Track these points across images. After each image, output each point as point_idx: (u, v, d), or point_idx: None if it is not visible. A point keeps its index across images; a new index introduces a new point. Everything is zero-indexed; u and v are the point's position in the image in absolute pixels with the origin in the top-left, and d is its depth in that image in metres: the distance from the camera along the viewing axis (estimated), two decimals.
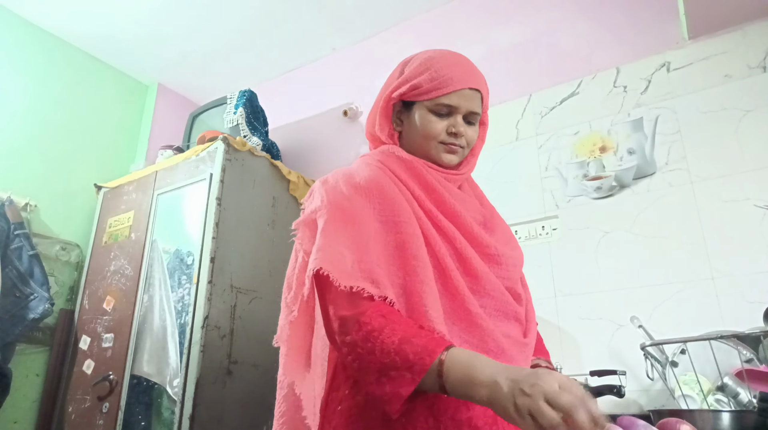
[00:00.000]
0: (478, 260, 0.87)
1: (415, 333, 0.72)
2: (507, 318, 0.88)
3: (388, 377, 0.70)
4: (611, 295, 1.70)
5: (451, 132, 0.93)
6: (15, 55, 2.47)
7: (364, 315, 0.75)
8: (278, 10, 2.51)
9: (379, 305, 0.76)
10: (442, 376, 0.68)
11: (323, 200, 0.88)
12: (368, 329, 0.73)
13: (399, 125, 1.01)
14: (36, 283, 2.15)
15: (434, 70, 0.93)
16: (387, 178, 0.90)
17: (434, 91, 0.92)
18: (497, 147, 2.08)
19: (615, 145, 1.84)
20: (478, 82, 0.95)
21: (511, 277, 0.92)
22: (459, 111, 0.93)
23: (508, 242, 0.97)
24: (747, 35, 1.72)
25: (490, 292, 0.86)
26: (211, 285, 1.89)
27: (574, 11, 2.10)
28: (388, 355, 0.70)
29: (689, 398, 1.32)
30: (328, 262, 0.78)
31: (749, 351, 1.35)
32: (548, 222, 1.89)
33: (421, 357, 0.69)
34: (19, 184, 2.33)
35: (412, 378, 0.68)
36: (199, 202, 2.04)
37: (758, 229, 1.54)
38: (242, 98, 2.41)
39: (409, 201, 0.88)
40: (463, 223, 0.89)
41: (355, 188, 0.88)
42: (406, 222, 0.85)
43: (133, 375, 1.96)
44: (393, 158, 0.96)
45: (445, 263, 0.84)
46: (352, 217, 0.85)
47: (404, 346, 0.70)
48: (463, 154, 0.97)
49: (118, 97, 2.89)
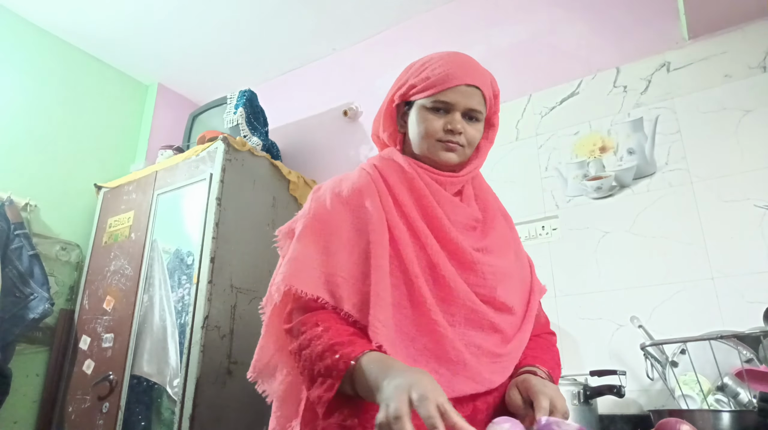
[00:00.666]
0: (449, 267, 0.85)
1: (339, 342, 0.75)
2: (481, 328, 0.85)
3: (317, 383, 0.75)
4: (611, 295, 1.70)
5: (447, 129, 0.91)
6: (15, 55, 2.47)
7: (304, 324, 0.80)
8: (278, 10, 2.51)
9: (318, 314, 0.80)
10: (353, 380, 0.72)
11: (307, 210, 0.92)
12: (303, 339, 0.78)
13: (403, 127, 1.00)
14: (36, 283, 2.15)
15: (431, 68, 0.93)
16: (371, 185, 0.91)
17: (431, 89, 0.91)
18: (497, 147, 2.06)
19: (615, 145, 1.84)
20: (477, 78, 0.92)
21: (490, 285, 0.88)
22: (456, 108, 0.91)
23: (501, 249, 0.94)
24: (747, 35, 1.72)
25: (458, 300, 0.84)
26: (211, 285, 1.89)
27: (574, 11, 2.10)
28: (317, 362, 0.75)
29: (689, 398, 1.32)
30: (294, 276, 0.82)
31: (749, 351, 1.35)
32: (548, 222, 1.89)
33: (337, 365, 0.72)
34: (19, 184, 2.33)
35: (332, 383, 0.72)
36: (199, 203, 2.04)
37: (758, 229, 1.54)
38: (242, 98, 2.41)
39: (387, 207, 0.88)
40: (440, 228, 0.88)
41: (338, 198, 0.90)
42: (374, 230, 0.85)
43: (133, 375, 1.96)
44: (388, 163, 0.96)
45: (412, 271, 0.83)
46: (328, 227, 0.87)
47: (327, 353, 0.74)
48: (464, 153, 0.94)
49: (118, 97, 2.89)
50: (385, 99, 1.02)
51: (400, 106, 1.00)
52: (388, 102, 1.00)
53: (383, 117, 1.01)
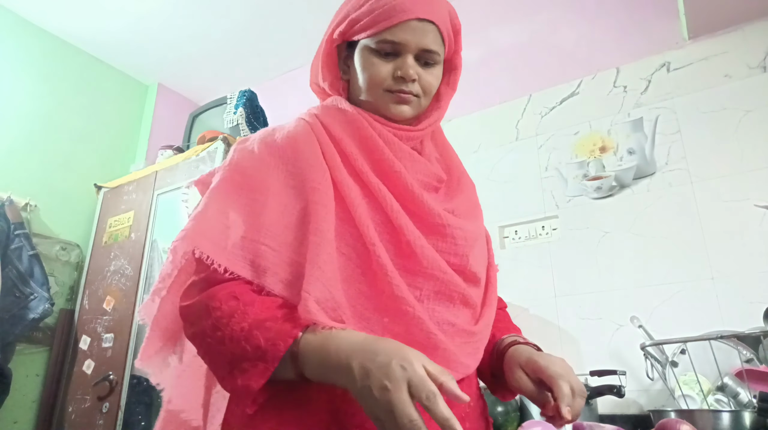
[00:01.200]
0: (414, 231, 0.70)
1: (270, 316, 0.61)
2: (451, 302, 0.72)
3: (240, 370, 0.59)
4: (611, 295, 1.70)
5: (397, 76, 0.74)
6: (15, 56, 2.47)
7: (213, 299, 0.63)
8: (278, 10, 2.51)
9: (233, 286, 0.64)
10: (296, 362, 0.59)
11: (227, 161, 0.76)
12: (217, 316, 0.62)
13: (346, 73, 0.83)
14: (36, 283, 2.15)
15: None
16: (311, 135, 0.75)
17: (374, 25, 0.74)
18: (497, 147, 2.08)
19: (615, 145, 1.84)
20: (432, 11, 0.75)
21: (460, 252, 0.74)
22: (408, 49, 0.74)
23: (469, 213, 0.80)
24: (747, 35, 1.72)
25: (426, 270, 0.70)
26: None
27: (574, 11, 2.10)
28: (239, 344, 0.59)
29: (689, 398, 1.32)
30: (201, 237, 0.66)
31: (749, 351, 1.35)
32: (548, 222, 1.89)
33: (274, 343, 0.58)
34: (19, 184, 2.33)
35: (265, 368, 0.58)
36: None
37: (758, 229, 1.54)
38: (242, 98, 2.41)
39: (331, 161, 0.72)
40: (402, 186, 0.72)
41: (268, 148, 0.75)
42: (314, 188, 0.69)
43: (133, 375, 1.96)
44: (332, 111, 0.79)
45: (367, 237, 0.68)
46: (252, 181, 0.72)
47: (255, 331, 0.59)
48: (419, 103, 0.78)
49: (118, 97, 2.89)
50: (322, 39, 0.84)
51: (341, 48, 0.82)
52: (327, 42, 0.82)
53: (321, 61, 0.84)
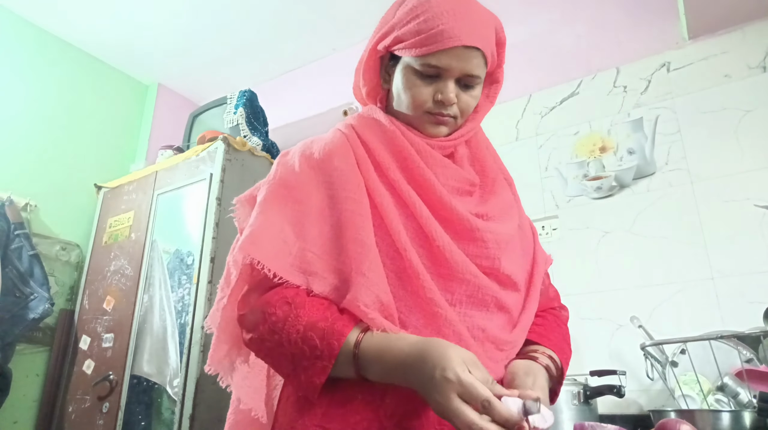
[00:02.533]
0: (444, 236, 0.73)
1: (321, 317, 0.66)
2: (484, 306, 0.73)
3: (302, 367, 0.65)
4: (611, 295, 1.70)
5: (438, 100, 0.76)
6: (15, 56, 2.47)
7: (268, 305, 0.69)
8: (278, 10, 2.51)
9: (284, 291, 0.69)
10: (356, 364, 0.65)
11: (270, 175, 0.81)
12: (273, 321, 0.67)
13: (387, 82, 0.84)
14: (36, 283, 2.15)
15: (423, 19, 0.75)
16: (347, 146, 0.79)
17: (419, 48, 0.74)
18: (497, 147, 2.05)
19: (615, 145, 1.84)
20: (478, 37, 0.75)
21: (492, 256, 0.75)
22: (450, 74, 0.75)
23: (502, 215, 0.81)
24: (747, 35, 1.72)
25: (458, 274, 0.72)
26: (212, 285, 1.89)
27: (574, 11, 2.10)
28: (296, 345, 0.65)
29: (689, 398, 1.32)
30: (255, 247, 0.70)
31: (749, 351, 1.35)
32: (548, 222, 1.89)
33: (329, 342, 0.64)
34: (19, 184, 2.33)
35: (323, 365, 0.64)
36: (199, 202, 2.04)
37: (758, 229, 1.54)
38: (242, 98, 2.41)
39: (366, 171, 0.76)
40: (432, 192, 0.75)
41: (308, 161, 0.79)
42: (350, 197, 0.73)
43: (133, 375, 1.96)
44: (368, 121, 0.82)
45: (399, 243, 0.71)
46: (296, 193, 0.76)
47: (310, 333, 0.65)
48: (455, 124, 0.80)
49: (118, 97, 2.89)
50: (366, 45, 0.85)
51: (384, 57, 0.84)
52: (370, 51, 0.83)
53: (363, 68, 0.86)
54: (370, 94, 0.88)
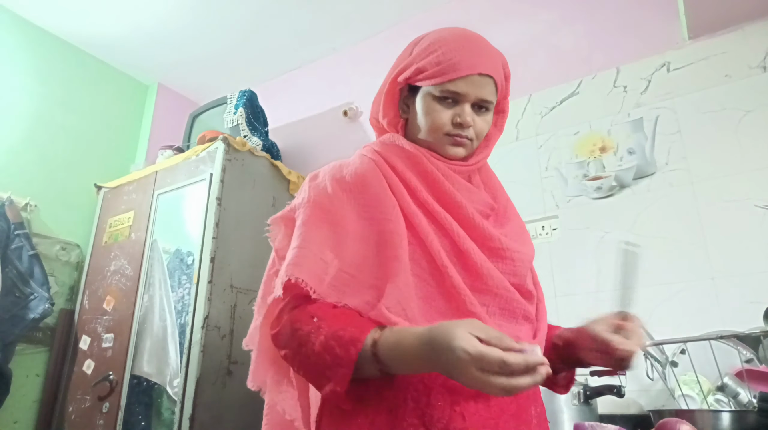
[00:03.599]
0: (479, 254, 0.79)
1: (342, 326, 0.70)
2: (514, 318, 0.81)
3: (326, 378, 0.69)
4: (611, 295, 1.70)
5: (456, 123, 0.85)
6: (15, 55, 2.47)
7: (296, 321, 0.73)
8: (278, 10, 2.51)
9: (310, 307, 0.74)
10: (378, 361, 0.68)
11: (304, 198, 0.85)
12: (300, 335, 0.71)
13: (405, 112, 0.93)
14: (36, 283, 2.15)
15: (441, 52, 0.84)
16: (377, 170, 0.84)
17: (439, 77, 0.83)
18: (497, 147, 2.05)
19: (615, 145, 1.84)
20: (491, 67, 0.85)
21: (519, 273, 0.84)
22: (467, 99, 0.84)
23: (519, 237, 0.89)
24: (747, 35, 1.72)
25: (492, 289, 0.79)
26: (211, 285, 1.89)
27: (574, 11, 2.10)
28: (320, 356, 0.69)
29: (689, 398, 1.32)
30: (300, 269, 0.75)
31: (749, 351, 1.35)
32: (548, 222, 1.89)
33: (347, 349, 0.67)
34: (19, 184, 2.33)
35: (344, 373, 0.67)
36: (199, 203, 2.04)
37: (758, 229, 1.54)
38: (242, 98, 2.41)
39: (399, 194, 0.81)
40: (464, 214, 0.82)
41: (339, 184, 0.83)
42: (387, 218, 0.78)
43: (133, 375, 1.96)
44: (393, 148, 0.88)
45: (440, 260, 0.77)
46: (331, 216, 0.81)
47: (330, 342, 0.68)
48: (471, 146, 0.88)
49: (118, 97, 2.89)
50: (385, 79, 0.93)
51: (402, 90, 0.92)
52: (391, 84, 0.91)
53: (383, 100, 0.93)
54: (390, 123, 0.94)
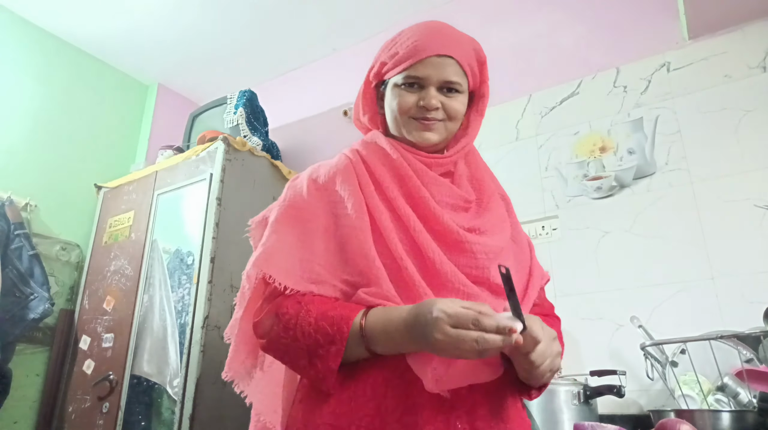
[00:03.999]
0: (434, 248, 0.79)
1: (330, 307, 0.74)
2: None
3: (318, 356, 0.71)
4: (611, 295, 1.70)
5: (420, 105, 0.85)
6: (15, 56, 2.47)
7: (280, 307, 0.76)
8: (278, 10, 2.51)
9: (294, 296, 0.77)
10: (365, 339, 0.71)
11: (281, 198, 0.89)
12: (286, 319, 0.74)
13: (383, 109, 0.95)
14: (36, 283, 2.15)
15: (401, 42, 0.87)
16: (350, 168, 0.86)
17: (400, 64, 0.86)
18: (497, 147, 2.08)
19: (615, 145, 1.84)
20: (451, 47, 0.85)
21: (482, 265, 0.80)
22: (429, 82, 0.85)
23: (494, 228, 0.86)
24: (747, 35, 1.72)
25: (448, 284, 0.77)
26: (211, 285, 1.89)
27: (574, 11, 2.10)
28: (310, 336, 0.72)
29: (689, 398, 1.32)
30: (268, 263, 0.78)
31: (749, 351, 1.35)
32: (548, 222, 1.89)
33: (339, 327, 0.71)
34: (19, 184, 2.33)
35: (337, 349, 0.71)
36: (199, 203, 2.04)
37: (758, 229, 1.54)
38: (242, 98, 2.41)
39: (367, 191, 0.83)
40: (425, 208, 0.82)
41: (314, 184, 0.87)
42: (352, 215, 0.81)
43: (133, 375, 1.96)
44: (371, 146, 0.90)
45: (396, 253, 0.78)
46: (304, 214, 0.83)
47: (321, 322, 0.72)
48: (444, 127, 0.87)
49: (118, 97, 2.89)
50: (363, 81, 0.97)
51: (377, 87, 0.95)
52: (365, 83, 0.95)
53: (362, 100, 0.97)
54: (371, 121, 0.97)
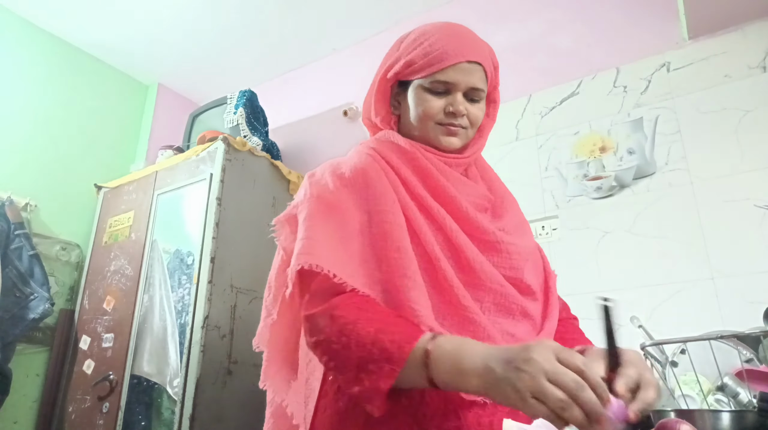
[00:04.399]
0: (472, 248, 0.78)
1: (393, 321, 0.67)
2: (510, 314, 0.78)
3: (367, 372, 0.62)
4: (611, 295, 1.70)
5: (449, 111, 0.84)
6: (16, 56, 2.47)
7: (337, 308, 0.68)
8: (278, 10, 2.51)
9: (352, 297, 0.71)
10: (428, 367, 0.61)
11: (306, 194, 0.83)
12: (342, 322, 0.66)
13: (397, 109, 0.93)
14: (36, 283, 2.15)
15: (428, 44, 0.84)
16: (375, 165, 0.83)
17: (428, 68, 0.83)
18: (497, 147, 2.08)
19: (615, 145, 1.84)
20: (479, 54, 0.85)
21: (515, 266, 0.81)
22: (458, 88, 0.84)
23: (517, 230, 0.87)
24: (747, 35, 1.72)
25: (485, 283, 0.76)
26: (211, 285, 1.89)
27: (574, 11, 2.10)
28: (365, 347, 0.63)
29: (689, 398, 1.32)
30: (315, 256, 0.72)
31: (749, 351, 1.35)
32: (548, 222, 1.89)
33: (400, 346, 0.62)
34: (19, 184, 2.33)
35: (391, 369, 0.61)
36: (199, 202, 2.04)
37: (758, 229, 1.54)
38: (242, 98, 2.41)
39: (396, 188, 0.81)
40: (457, 208, 0.81)
41: (340, 180, 0.82)
42: (388, 211, 0.77)
43: (133, 375, 1.96)
44: (387, 144, 0.88)
45: (433, 253, 0.76)
46: (335, 210, 0.79)
47: (381, 336, 0.63)
48: (466, 135, 0.87)
49: (118, 97, 2.89)
50: (375, 78, 0.93)
51: (393, 86, 0.91)
52: (381, 81, 0.91)
53: (374, 98, 0.93)
54: (383, 121, 0.93)
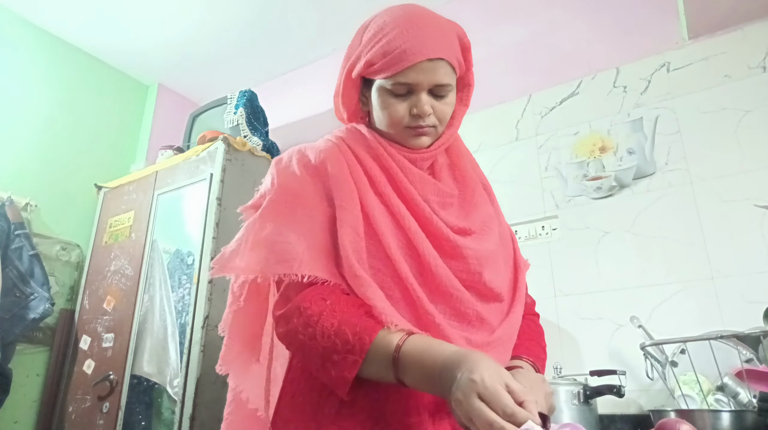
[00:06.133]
0: (431, 251, 0.76)
1: (355, 313, 0.69)
2: (466, 320, 0.76)
3: (332, 362, 0.67)
4: (611, 295, 1.70)
5: (414, 113, 0.80)
6: (16, 56, 2.47)
7: (304, 300, 0.71)
8: (278, 10, 2.51)
9: (320, 289, 0.72)
10: (398, 367, 0.65)
11: (273, 182, 0.84)
12: (308, 314, 0.70)
13: (366, 104, 0.89)
14: (36, 283, 2.15)
15: (386, 41, 0.79)
16: (340, 156, 0.82)
17: (388, 69, 0.78)
18: (497, 147, 2.08)
19: (615, 145, 1.84)
20: (440, 48, 0.78)
21: (472, 270, 0.78)
22: (421, 87, 0.79)
23: (483, 228, 0.84)
24: (747, 35, 1.72)
25: (440, 286, 0.75)
26: (212, 285, 1.89)
27: (574, 11, 2.10)
28: (329, 338, 0.67)
29: (689, 398, 1.32)
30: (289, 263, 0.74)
31: (749, 351, 1.35)
32: (548, 222, 1.89)
33: (360, 337, 0.66)
34: (19, 184, 2.33)
35: (354, 360, 0.65)
36: (199, 202, 2.04)
37: (758, 229, 1.54)
38: (242, 98, 2.41)
39: (360, 182, 0.79)
40: (417, 207, 0.79)
41: (305, 168, 0.82)
42: (342, 206, 0.76)
43: (133, 375, 1.96)
44: (355, 135, 0.87)
45: (391, 254, 0.75)
46: (302, 200, 0.79)
47: (344, 327, 0.67)
48: (436, 132, 0.84)
49: (118, 97, 2.89)
50: (341, 70, 0.89)
51: (357, 80, 0.87)
52: (345, 78, 0.87)
53: (341, 95, 0.90)
54: (352, 116, 0.91)
